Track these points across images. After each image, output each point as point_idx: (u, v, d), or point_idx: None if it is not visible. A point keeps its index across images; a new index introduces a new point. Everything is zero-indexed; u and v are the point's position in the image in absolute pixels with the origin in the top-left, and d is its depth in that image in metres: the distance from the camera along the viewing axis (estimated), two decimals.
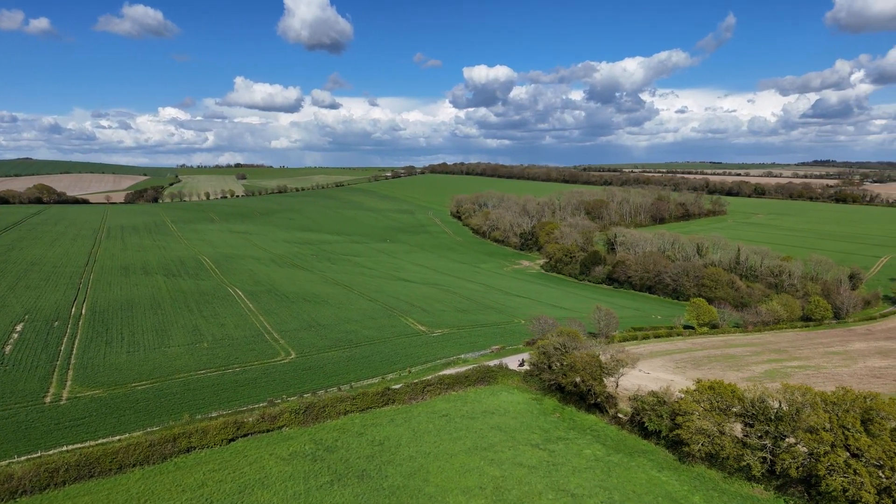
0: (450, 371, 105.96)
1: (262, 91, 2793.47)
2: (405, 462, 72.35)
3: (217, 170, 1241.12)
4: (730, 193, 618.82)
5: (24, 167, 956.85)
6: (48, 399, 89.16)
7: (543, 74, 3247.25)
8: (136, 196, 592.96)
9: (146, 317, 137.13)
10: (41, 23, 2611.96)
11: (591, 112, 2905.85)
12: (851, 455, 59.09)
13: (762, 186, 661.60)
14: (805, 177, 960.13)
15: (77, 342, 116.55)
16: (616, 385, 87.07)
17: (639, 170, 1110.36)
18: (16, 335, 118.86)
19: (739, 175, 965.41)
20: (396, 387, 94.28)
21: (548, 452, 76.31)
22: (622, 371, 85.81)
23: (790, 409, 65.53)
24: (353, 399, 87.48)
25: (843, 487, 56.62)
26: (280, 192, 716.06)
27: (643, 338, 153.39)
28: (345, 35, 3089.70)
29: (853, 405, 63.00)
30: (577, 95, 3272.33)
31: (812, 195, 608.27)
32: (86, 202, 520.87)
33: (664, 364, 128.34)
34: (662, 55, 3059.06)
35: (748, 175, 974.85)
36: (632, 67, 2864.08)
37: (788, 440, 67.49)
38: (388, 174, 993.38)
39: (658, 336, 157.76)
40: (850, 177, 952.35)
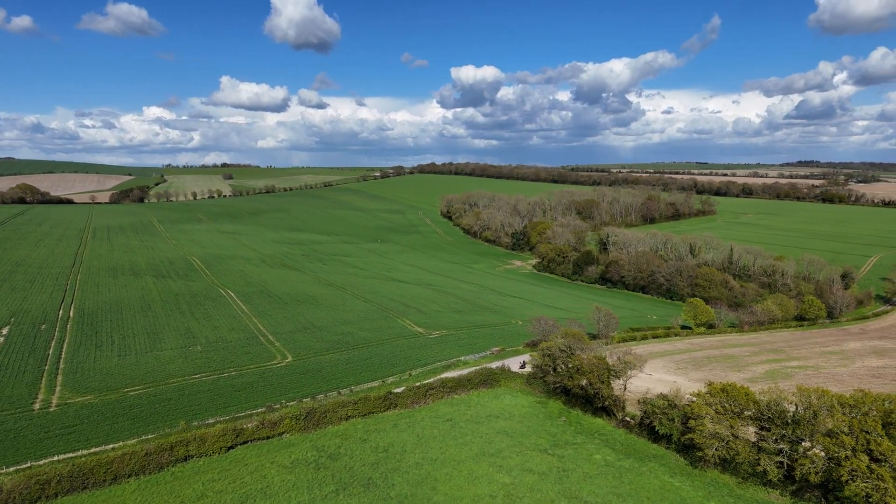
0: (451, 374, 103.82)
1: (249, 90, 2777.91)
2: (412, 469, 70.13)
3: (203, 169, 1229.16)
4: (718, 193, 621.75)
5: (7, 167, 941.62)
6: (37, 406, 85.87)
7: (531, 75, 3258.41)
8: (122, 196, 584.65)
9: (136, 319, 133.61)
10: (23, 21, 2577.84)
11: (578, 112, 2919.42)
12: (873, 460, 57.72)
13: (749, 186, 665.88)
14: (790, 177, 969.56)
15: (66, 346, 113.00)
16: (624, 388, 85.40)
17: (626, 170, 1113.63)
18: (1, 339, 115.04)
19: (726, 175, 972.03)
20: (398, 391, 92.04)
21: (557, 458, 74.44)
22: (631, 373, 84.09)
23: (807, 413, 64.10)
24: (355, 404, 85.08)
25: (867, 493, 55.21)
26: (268, 192, 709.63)
27: (641, 338, 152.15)
28: (332, 35, 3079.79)
29: (872, 408, 61.68)
30: (564, 96, 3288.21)
31: (799, 195, 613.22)
32: (70, 202, 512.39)
33: (665, 365, 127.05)
34: (648, 56, 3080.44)
35: (735, 175, 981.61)
36: (618, 68, 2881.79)
37: (804, 444, 66.14)
38: (377, 174, 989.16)
39: (656, 336, 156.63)
40: (835, 177, 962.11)
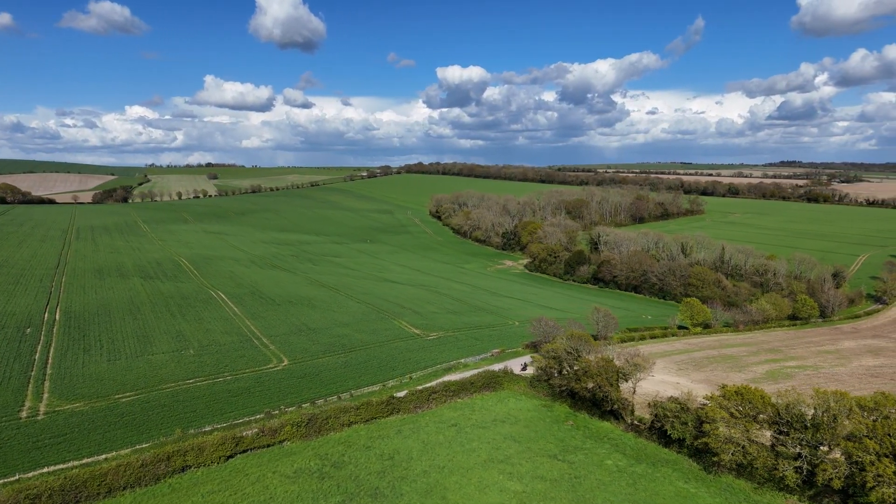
0: (453, 377, 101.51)
1: (233, 90, 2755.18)
2: (419, 478, 67.73)
3: (188, 169, 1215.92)
4: (704, 193, 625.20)
5: None
6: (24, 414, 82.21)
7: (516, 75, 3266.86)
8: (105, 196, 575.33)
9: (126, 322, 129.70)
10: (3, 18, 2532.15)
11: (564, 113, 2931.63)
12: None
13: (735, 186, 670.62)
14: (774, 177, 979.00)
15: (52, 350, 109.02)
16: (633, 391, 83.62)
17: (612, 170, 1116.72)
18: None
19: (711, 175, 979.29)
20: (400, 395, 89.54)
21: (567, 464, 72.43)
22: (640, 376, 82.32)
23: (827, 417, 62.62)
24: (357, 409, 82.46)
25: (894, 499, 53.73)
26: (254, 192, 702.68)
27: (639, 339, 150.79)
28: (317, 34, 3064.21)
29: (893, 410, 60.34)
30: (550, 96, 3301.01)
31: (784, 195, 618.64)
32: (52, 202, 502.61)
33: (666, 366, 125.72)
34: (633, 57, 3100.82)
35: (720, 175, 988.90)
36: (603, 69, 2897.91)
37: (821, 448, 64.69)
38: (364, 174, 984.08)
39: (654, 337, 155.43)
40: (818, 177, 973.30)
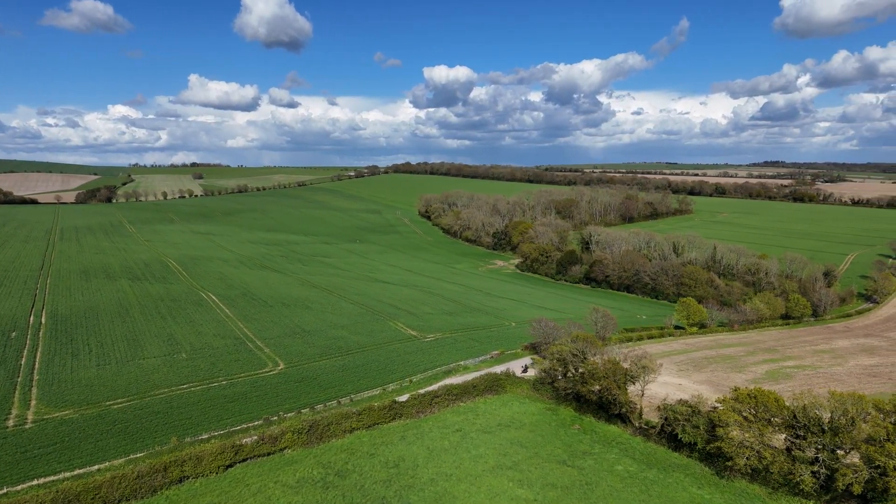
0: (454, 380, 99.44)
1: (218, 89, 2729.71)
2: (427, 486, 65.56)
3: (172, 169, 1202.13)
4: (692, 193, 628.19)
5: None
6: (11, 422, 78.91)
7: (503, 75, 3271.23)
8: (89, 196, 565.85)
9: (114, 325, 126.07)
10: None
11: (550, 113, 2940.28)
12: None
13: (722, 186, 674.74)
14: (759, 177, 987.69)
15: (39, 355, 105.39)
16: (642, 393, 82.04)
17: (599, 170, 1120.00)
18: None
19: (698, 175, 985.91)
20: (402, 399, 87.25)
21: (577, 470, 70.63)
22: (649, 378, 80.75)
23: (845, 420, 61.34)
24: (359, 415, 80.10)
25: None
26: (240, 192, 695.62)
27: (637, 339, 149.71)
28: (303, 33, 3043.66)
29: None
30: (536, 97, 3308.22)
31: (770, 194, 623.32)
32: (34, 202, 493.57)
33: (666, 367, 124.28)
34: (619, 57, 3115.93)
35: (706, 175, 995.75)
36: (589, 69, 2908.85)
37: (838, 452, 63.44)
38: (352, 173, 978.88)
39: (651, 337, 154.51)
40: (802, 177, 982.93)
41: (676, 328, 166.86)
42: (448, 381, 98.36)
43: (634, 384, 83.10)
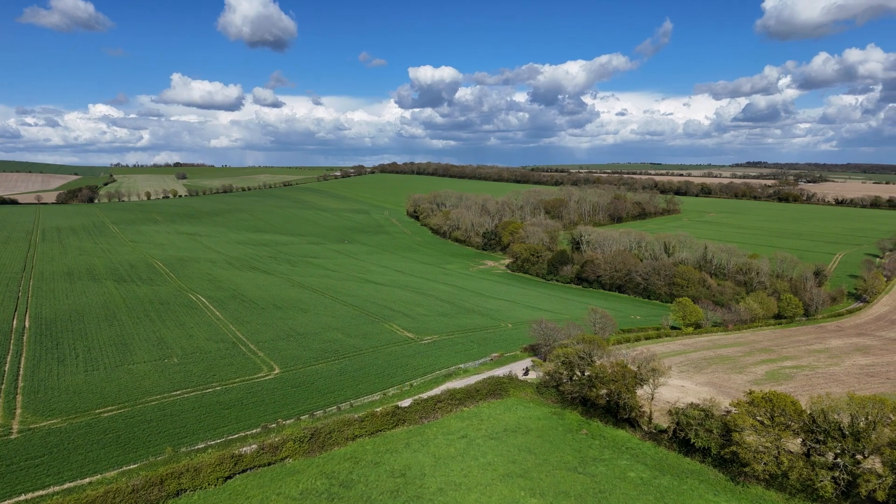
0: (455, 384, 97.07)
1: (201, 88, 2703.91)
2: (436, 497, 63.06)
3: (155, 169, 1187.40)
4: (678, 193, 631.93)
5: None
6: None
7: (489, 76, 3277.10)
8: (70, 196, 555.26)
9: (101, 329, 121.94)
10: None
11: (535, 114, 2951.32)
12: None
13: (708, 186, 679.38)
14: (743, 177, 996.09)
15: (23, 361, 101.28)
16: (651, 397, 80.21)
17: (584, 170, 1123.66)
18: None
19: (683, 175, 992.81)
20: (405, 405, 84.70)
21: (589, 477, 68.55)
22: (660, 381, 78.91)
23: (865, 423, 59.87)
24: (361, 422, 77.42)
25: None
26: (226, 192, 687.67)
27: (634, 340, 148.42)
28: (288, 32, 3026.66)
29: None
30: (522, 97, 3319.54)
31: (755, 194, 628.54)
32: (14, 202, 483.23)
33: None
34: (603, 59, 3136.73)
35: (690, 175, 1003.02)
36: (574, 70, 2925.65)
37: (857, 457, 61.99)
38: (338, 173, 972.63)
39: (648, 338, 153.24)
40: (785, 177, 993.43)
41: (672, 328, 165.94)
42: (449, 385, 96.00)
43: (642, 387, 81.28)
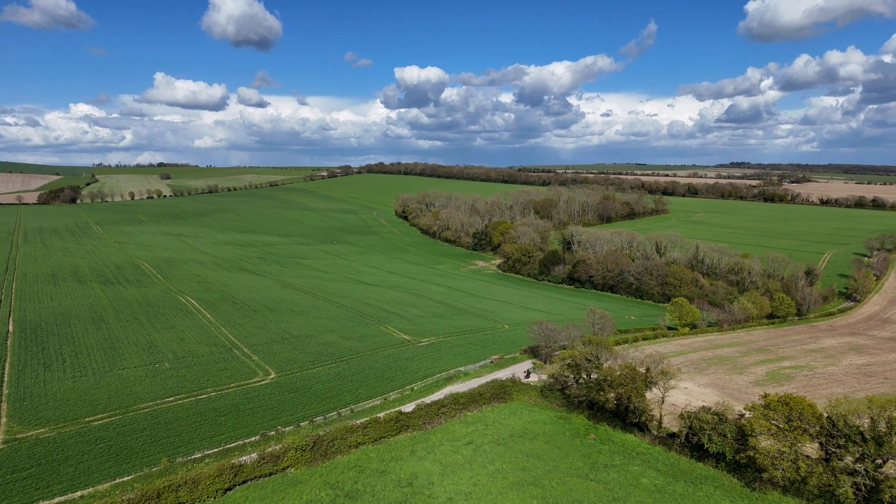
0: (457, 387, 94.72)
1: (185, 88, 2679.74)
2: None
3: (138, 169, 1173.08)
4: (665, 193, 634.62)
5: None
6: None
7: (475, 76, 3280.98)
8: (52, 196, 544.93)
9: (89, 332, 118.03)
10: None
11: (521, 114, 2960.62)
12: None
13: (694, 186, 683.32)
14: (728, 178, 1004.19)
15: (8, 366, 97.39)
16: (662, 400, 78.43)
17: (571, 171, 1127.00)
18: None
19: (668, 175, 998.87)
20: (407, 410, 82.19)
21: (602, 485, 66.57)
22: (671, 383, 77.15)
23: (888, 428, 58.44)
24: (364, 429, 74.80)
25: None
26: (211, 192, 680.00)
27: (632, 340, 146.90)
28: (273, 32, 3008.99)
29: None
30: (507, 98, 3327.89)
31: (741, 194, 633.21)
32: None
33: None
34: (588, 60, 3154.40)
35: (676, 176, 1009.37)
36: (559, 71, 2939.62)
37: (878, 462, 60.57)
38: (325, 174, 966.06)
39: (646, 338, 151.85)
40: (769, 177, 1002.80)
41: (669, 329, 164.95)
42: (451, 389, 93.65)
43: (651, 390, 79.51)
